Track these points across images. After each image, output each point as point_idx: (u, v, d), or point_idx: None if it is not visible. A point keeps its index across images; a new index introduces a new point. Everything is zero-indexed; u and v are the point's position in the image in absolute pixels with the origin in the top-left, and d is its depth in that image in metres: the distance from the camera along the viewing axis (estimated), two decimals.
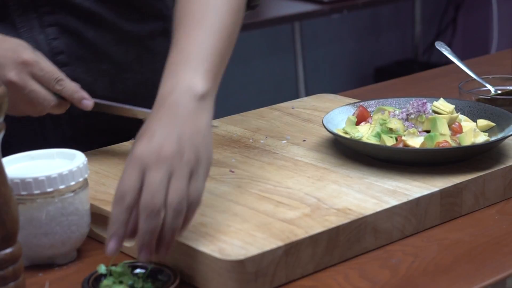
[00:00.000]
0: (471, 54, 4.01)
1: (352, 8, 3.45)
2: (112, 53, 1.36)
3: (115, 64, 1.37)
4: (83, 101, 1.21)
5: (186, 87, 1.01)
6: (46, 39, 1.31)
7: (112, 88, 1.37)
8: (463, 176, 1.16)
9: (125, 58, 1.38)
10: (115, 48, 1.36)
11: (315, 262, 1.02)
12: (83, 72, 1.33)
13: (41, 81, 1.18)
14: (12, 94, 1.15)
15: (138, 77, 1.40)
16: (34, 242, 1.03)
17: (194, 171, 0.97)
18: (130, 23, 1.37)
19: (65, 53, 1.32)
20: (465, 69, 1.57)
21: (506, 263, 1.03)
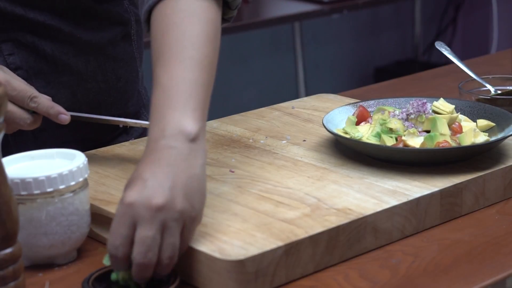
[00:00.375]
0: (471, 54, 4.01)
1: (352, 8, 3.45)
2: (72, 64, 1.33)
3: (75, 75, 1.33)
4: (60, 116, 1.20)
5: (176, 131, 0.98)
6: (1, 55, 1.29)
7: (74, 99, 1.34)
8: (463, 176, 1.16)
9: (86, 68, 1.34)
10: (74, 59, 1.33)
11: (315, 262, 1.02)
12: (43, 86, 1.31)
13: (14, 100, 1.17)
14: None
15: (102, 86, 1.37)
16: (34, 242, 1.03)
17: (187, 221, 0.95)
18: (88, 33, 1.33)
19: (23, 68, 1.30)
20: (465, 69, 1.57)
21: (506, 263, 1.03)
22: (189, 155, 0.98)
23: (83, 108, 1.33)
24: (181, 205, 0.94)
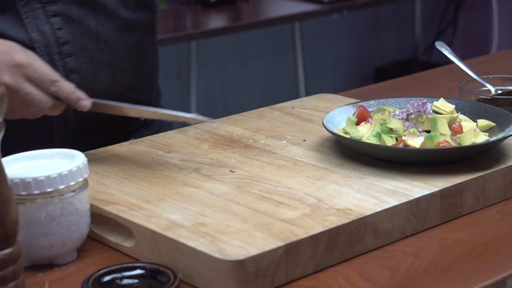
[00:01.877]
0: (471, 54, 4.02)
1: (352, 8, 3.45)
2: (113, 42, 1.37)
3: (115, 54, 1.38)
4: (80, 102, 1.20)
5: None
6: (51, 30, 1.32)
7: (113, 79, 1.38)
8: (463, 176, 1.16)
9: (124, 47, 1.39)
10: (115, 37, 1.37)
11: (315, 262, 1.02)
12: (86, 62, 1.34)
13: (36, 83, 1.17)
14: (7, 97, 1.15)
15: (136, 67, 1.41)
16: (34, 242, 1.03)
17: None
18: (128, 12, 1.39)
19: (70, 42, 1.33)
20: (465, 69, 1.57)
21: (506, 263, 1.03)
22: None
23: (120, 89, 1.38)
24: None
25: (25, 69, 1.16)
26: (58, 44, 1.32)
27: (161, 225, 1.04)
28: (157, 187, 1.16)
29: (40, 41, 1.31)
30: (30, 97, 1.17)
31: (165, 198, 1.12)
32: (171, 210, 1.09)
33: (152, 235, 1.03)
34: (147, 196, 1.13)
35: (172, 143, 1.34)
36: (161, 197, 1.13)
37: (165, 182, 1.18)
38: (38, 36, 1.30)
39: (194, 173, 1.21)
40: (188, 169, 1.23)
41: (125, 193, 1.14)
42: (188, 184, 1.17)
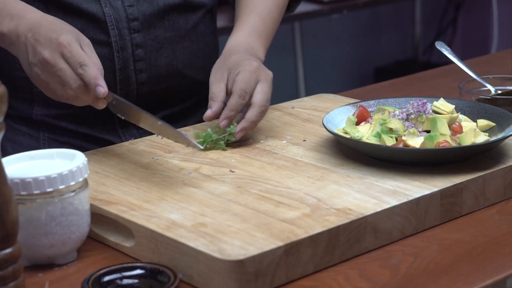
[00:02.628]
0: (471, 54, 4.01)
1: (352, 8, 3.45)
2: (176, 20, 1.45)
3: (177, 32, 1.46)
4: (98, 88, 1.22)
5: (257, 56, 1.42)
6: (123, 6, 1.40)
7: (173, 56, 1.46)
8: (463, 176, 1.16)
9: (186, 26, 1.46)
10: (178, 16, 1.45)
11: (315, 262, 1.02)
12: (151, 39, 1.43)
13: (68, 62, 1.22)
14: (44, 72, 1.22)
15: (195, 47, 1.49)
16: (34, 242, 1.03)
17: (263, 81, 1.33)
18: None
19: (139, 19, 1.42)
20: (465, 69, 1.57)
21: (506, 263, 1.03)
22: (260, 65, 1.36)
23: (179, 66, 1.47)
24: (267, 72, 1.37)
25: (63, 48, 1.21)
26: (128, 20, 1.41)
27: (161, 225, 1.04)
28: (157, 187, 1.16)
29: (112, 16, 1.40)
30: (61, 73, 1.21)
31: (165, 198, 1.12)
32: (171, 210, 1.09)
33: (152, 235, 1.03)
34: (147, 196, 1.13)
35: (172, 143, 1.34)
36: (161, 197, 1.13)
37: (165, 182, 1.18)
38: (110, 10, 1.39)
39: (194, 173, 1.21)
40: (188, 169, 1.23)
41: (125, 193, 1.14)
42: (188, 184, 1.17)
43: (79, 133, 1.45)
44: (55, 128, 1.45)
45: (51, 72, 1.22)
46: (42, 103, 1.44)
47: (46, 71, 1.22)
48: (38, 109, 1.45)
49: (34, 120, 1.46)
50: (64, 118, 1.45)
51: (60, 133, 1.45)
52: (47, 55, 1.22)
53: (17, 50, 1.26)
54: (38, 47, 1.22)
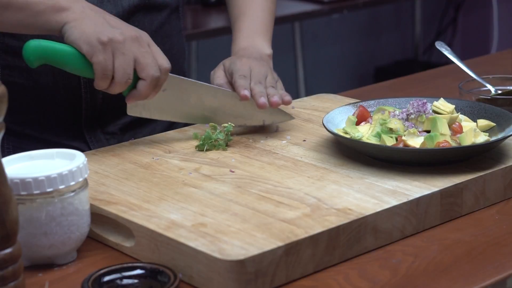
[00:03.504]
0: (471, 54, 4.01)
1: (352, 8, 3.45)
2: (140, 21, 1.43)
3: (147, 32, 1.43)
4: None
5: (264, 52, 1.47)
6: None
7: None
8: (463, 176, 1.16)
9: (151, 26, 1.44)
10: (142, 16, 1.43)
11: (315, 262, 1.02)
12: None
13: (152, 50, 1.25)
14: (122, 48, 1.21)
15: (160, 48, 1.44)
16: (34, 242, 1.03)
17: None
18: None
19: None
20: (465, 69, 1.57)
21: (506, 263, 1.03)
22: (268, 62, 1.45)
23: None
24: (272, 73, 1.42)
25: (149, 39, 1.25)
26: None
27: (161, 225, 1.04)
28: (157, 187, 1.16)
29: None
30: (147, 55, 1.23)
31: (165, 198, 1.12)
32: (171, 210, 1.09)
33: (152, 235, 1.03)
34: (147, 196, 1.13)
35: (172, 143, 1.34)
36: (161, 197, 1.13)
37: (165, 182, 1.18)
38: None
39: (194, 173, 1.21)
40: (188, 169, 1.23)
41: (125, 193, 1.14)
42: (188, 184, 1.17)
43: (45, 140, 1.42)
44: (19, 135, 1.42)
45: (130, 50, 1.21)
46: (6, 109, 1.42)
47: (126, 47, 1.20)
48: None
49: None
50: (28, 125, 1.42)
51: (25, 141, 1.42)
52: (139, 34, 1.22)
53: (77, 16, 1.22)
54: (124, 26, 1.22)
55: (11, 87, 1.38)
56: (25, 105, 1.39)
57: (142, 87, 1.24)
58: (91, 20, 1.22)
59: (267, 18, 1.52)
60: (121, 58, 1.21)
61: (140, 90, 1.24)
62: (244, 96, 1.32)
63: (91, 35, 1.20)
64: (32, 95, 1.39)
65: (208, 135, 1.30)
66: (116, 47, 1.20)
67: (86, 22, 1.22)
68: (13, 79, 1.39)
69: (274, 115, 1.38)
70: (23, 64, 1.38)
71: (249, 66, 1.38)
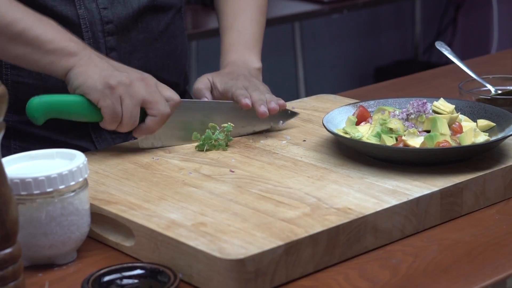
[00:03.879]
0: (471, 54, 4.01)
1: (352, 8, 3.44)
2: (148, 22, 1.44)
3: (149, 34, 1.44)
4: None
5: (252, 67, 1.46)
6: (97, 8, 1.38)
7: (146, 58, 1.45)
8: (463, 176, 1.16)
9: (157, 28, 1.45)
10: (150, 17, 1.44)
11: (315, 262, 1.02)
12: (124, 41, 1.42)
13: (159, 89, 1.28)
14: (132, 89, 1.23)
15: (166, 48, 1.48)
16: (34, 242, 1.03)
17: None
18: None
19: (113, 22, 1.40)
20: (465, 69, 1.57)
21: (506, 263, 1.03)
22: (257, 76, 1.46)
23: (152, 68, 1.43)
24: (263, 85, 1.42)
25: (155, 79, 1.28)
26: (102, 23, 1.39)
27: (161, 225, 1.04)
28: (157, 187, 1.16)
29: (86, 18, 1.38)
30: (156, 94, 1.26)
31: (165, 198, 1.12)
32: (171, 209, 1.09)
33: (152, 235, 1.03)
34: (147, 196, 1.13)
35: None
36: (161, 197, 1.13)
37: (165, 182, 1.18)
38: (84, 13, 1.37)
39: (194, 173, 1.21)
40: (188, 169, 1.23)
41: (125, 193, 1.14)
42: (188, 184, 1.17)
43: (51, 140, 1.42)
44: (26, 135, 1.42)
45: (138, 92, 1.23)
46: (14, 109, 1.39)
47: (134, 90, 1.23)
48: (9, 116, 1.40)
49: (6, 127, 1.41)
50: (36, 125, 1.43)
51: (32, 141, 1.42)
52: (145, 75, 1.25)
53: (83, 62, 1.24)
54: (130, 69, 1.25)
55: (19, 88, 1.39)
56: None
57: (151, 123, 1.26)
58: (97, 66, 1.23)
59: (256, 31, 1.52)
60: (128, 101, 1.23)
61: (149, 126, 1.26)
62: (246, 104, 1.33)
63: (98, 80, 1.22)
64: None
65: (208, 135, 1.30)
66: (123, 90, 1.22)
67: (92, 68, 1.23)
68: (22, 79, 1.39)
69: (280, 116, 1.38)
70: None
71: (241, 82, 1.38)
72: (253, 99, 1.34)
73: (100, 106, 1.23)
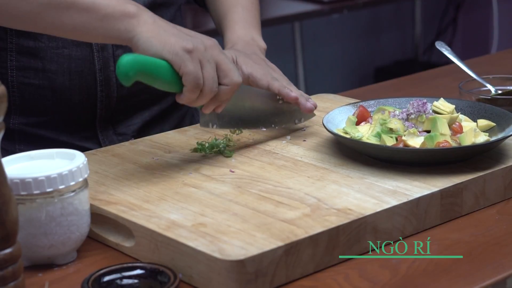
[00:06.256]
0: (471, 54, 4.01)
1: (352, 8, 3.45)
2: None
3: None
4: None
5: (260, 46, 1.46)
6: None
7: None
8: (463, 176, 1.16)
9: None
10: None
11: (315, 262, 1.02)
12: None
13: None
14: (208, 54, 1.17)
15: None
16: (34, 242, 1.03)
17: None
18: None
19: None
20: (465, 69, 1.57)
21: (506, 263, 1.03)
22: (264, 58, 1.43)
23: None
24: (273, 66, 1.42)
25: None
26: None
27: (161, 225, 1.04)
28: (157, 187, 1.16)
29: None
30: (225, 66, 1.19)
31: (165, 198, 1.12)
32: (171, 210, 1.09)
33: (152, 235, 1.03)
34: (147, 196, 1.13)
35: (172, 143, 1.34)
36: (161, 197, 1.13)
37: (165, 182, 1.18)
38: None
39: (194, 173, 1.21)
40: (188, 169, 1.23)
41: (125, 193, 1.14)
42: (188, 184, 1.17)
43: (58, 141, 1.41)
44: (32, 137, 1.41)
45: (212, 58, 1.16)
46: (19, 112, 1.40)
47: (209, 55, 1.16)
48: (15, 118, 1.41)
49: (11, 130, 1.41)
50: (43, 126, 1.42)
51: (38, 143, 1.40)
52: (214, 41, 1.19)
53: (150, 27, 1.16)
54: (199, 35, 1.18)
55: (25, 89, 1.39)
56: (40, 106, 1.39)
57: (224, 92, 1.19)
58: (167, 31, 1.16)
59: (256, 14, 1.52)
60: (208, 66, 1.16)
61: (221, 96, 1.19)
62: (295, 98, 1.33)
63: (175, 45, 1.14)
64: (48, 96, 1.39)
65: (214, 143, 1.30)
66: (202, 55, 1.16)
67: (163, 32, 1.16)
68: (28, 81, 1.38)
69: (302, 114, 1.38)
70: (38, 65, 1.38)
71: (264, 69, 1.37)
72: (296, 94, 1.34)
73: (182, 73, 1.15)
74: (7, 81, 1.37)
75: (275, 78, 1.35)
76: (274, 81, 1.34)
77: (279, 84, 1.34)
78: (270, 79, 1.34)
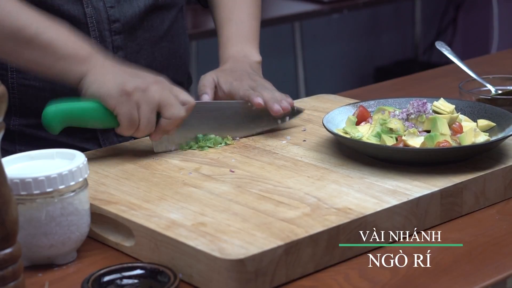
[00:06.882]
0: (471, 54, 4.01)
1: (352, 8, 3.44)
2: (154, 21, 1.44)
3: (155, 32, 1.44)
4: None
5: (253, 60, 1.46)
6: (104, 7, 1.38)
7: (153, 57, 1.44)
8: (464, 176, 1.16)
9: (162, 26, 1.46)
10: (155, 16, 1.44)
11: (315, 262, 1.02)
12: (131, 40, 1.41)
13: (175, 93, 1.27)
14: (148, 94, 1.22)
15: (171, 47, 1.48)
16: (34, 242, 1.02)
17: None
18: None
19: (120, 21, 1.39)
20: (465, 69, 1.57)
21: (506, 263, 1.03)
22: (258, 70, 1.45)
23: (158, 67, 1.43)
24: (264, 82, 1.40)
25: (169, 83, 1.28)
26: (109, 22, 1.39)
27: (161, 225, 1.04)
28: (157, 187, 1.16)
29: (93, 17, 1.38)
30: (171, 98, 1.24)
31: (165, 198, 1.12)
32: (171, 209, 1.09)
33: (152, 235, 1.03)
34: (147, 196, 1.13)
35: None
36: (161, 197, 1.13)
37: (165, 182, 1.18)
38: (92, 12, 1.37)
39: (194, 173, 1.21)
40: (188, 169, 1.23)
41: (125, 193, 1.14)
42: (188, 184, 1.17)
43: (58, 142, 1.41)
44: (32, 139, 1.42)
45: (154, 97, 1.21)
46: (19, 113, 1.41)
47: (150, 95, 1.21)
48: (15, 119, 1.41)
49: (11, 131, 1.41)
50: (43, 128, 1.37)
51: (38, 145, 1.38)
52: (159, 78, 1.24)
53: (98, 69, 1.23)
54: (144, 73, 1.24)
55: (26, 91, 1.39)
56: (40, 108, 1.38)
57: (165, 125, 1.24)
58: (111, 72, 1.22)
59: (253, 24, 1.51)
60: (145, 107, 1.22)
61: (164, 128, 1.25)
62: (259, 103, 1.33)
63: (114, 87, 1.21)
64: (48, 98, 1.39)
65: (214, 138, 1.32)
66: (140, 96, 1.21)
67: (106, 74, 1.22)
68: (28, 83, 1.39)
69: (287, 113, 1.38)
70: None
71: (247, 82, 1.38)
72: (265, 98, 1.34)
73: (116, 113, 1.22)
74: (7, 83, 1.37)
75: (253, 87, 1.36)
76: (246, 90, 1.35)
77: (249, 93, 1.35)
78: (246, 89, 1.35)
